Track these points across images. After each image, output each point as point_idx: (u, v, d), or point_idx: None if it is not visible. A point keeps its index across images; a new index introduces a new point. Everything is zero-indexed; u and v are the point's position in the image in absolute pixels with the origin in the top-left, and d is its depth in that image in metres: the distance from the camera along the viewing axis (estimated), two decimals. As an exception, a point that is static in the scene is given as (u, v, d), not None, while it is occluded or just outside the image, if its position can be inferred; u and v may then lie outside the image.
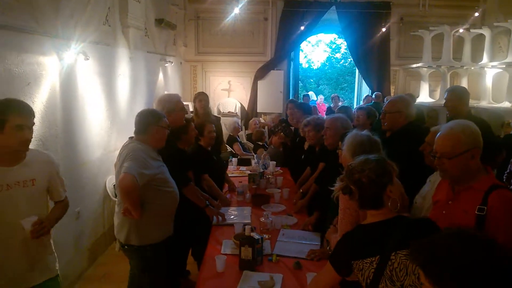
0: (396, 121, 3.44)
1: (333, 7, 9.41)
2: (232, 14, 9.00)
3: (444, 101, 3.66)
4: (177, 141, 3.44)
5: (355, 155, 2.51)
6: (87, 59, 4.10)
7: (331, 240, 2.67)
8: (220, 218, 3.47)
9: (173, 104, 3.43)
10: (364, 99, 10.16)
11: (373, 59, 9.78)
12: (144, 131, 2.82)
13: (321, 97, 13.05)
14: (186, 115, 3.62)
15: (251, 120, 8.37)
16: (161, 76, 7.53)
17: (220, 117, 6.52)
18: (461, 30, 8.61)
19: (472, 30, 8.62)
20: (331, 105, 11.44)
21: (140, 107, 6.19)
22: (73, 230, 4.08)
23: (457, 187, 2.07)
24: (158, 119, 2.87)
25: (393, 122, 3.46)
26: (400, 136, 3.39)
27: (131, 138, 2.92)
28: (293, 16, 9.47)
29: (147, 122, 2.83)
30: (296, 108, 5.15)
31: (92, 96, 4.47)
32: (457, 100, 3.53)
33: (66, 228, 3.89)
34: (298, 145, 4.58)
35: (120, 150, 2.86)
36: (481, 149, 2.00)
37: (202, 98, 5.07)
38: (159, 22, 7.00)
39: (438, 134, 2.09)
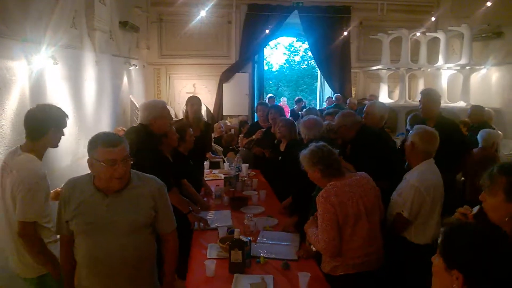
0: (344, 134, 3.81)
1: (296, 11, 9.58)
2: (198, 17, 8.95)
3: (402, 102, 3.91)
4: (159, 145, 3.39)
5: (314, 165, 2.65)
6: (56, 63, 3.95)
7: (309, 234, 2.74)
8: (202, 224, 3.39)
9: (159, 110, 3.40)
10: (326, 101, 10.40)
11: (334, 61, 10.02)
12: None
13: (283, 99, 13.28)
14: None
15: (216, 124, 8.34)
16: (125, 79, 7.37)
17: (210, 124, 6.12)
18: (417, 34, 8.97)
19: (427, 34, 9.02)
20: (295, 107, 11.64)
21: (106, 112, 6.04)
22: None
23: None
24: None
25: (343, 135, 3.83)
26: (357, 146, 3.71)
27: None
28: (256, 20, 9.54)
29: None
30: (273, 110, 5.27)
31: (60, 101, 4.29)
32: (431, 102, 3.71)
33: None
34: (275, 146, 4.63)
35: None
36: None
37: (194, 102, 4.73)
38: (124, 24, 6.86)
39: None
